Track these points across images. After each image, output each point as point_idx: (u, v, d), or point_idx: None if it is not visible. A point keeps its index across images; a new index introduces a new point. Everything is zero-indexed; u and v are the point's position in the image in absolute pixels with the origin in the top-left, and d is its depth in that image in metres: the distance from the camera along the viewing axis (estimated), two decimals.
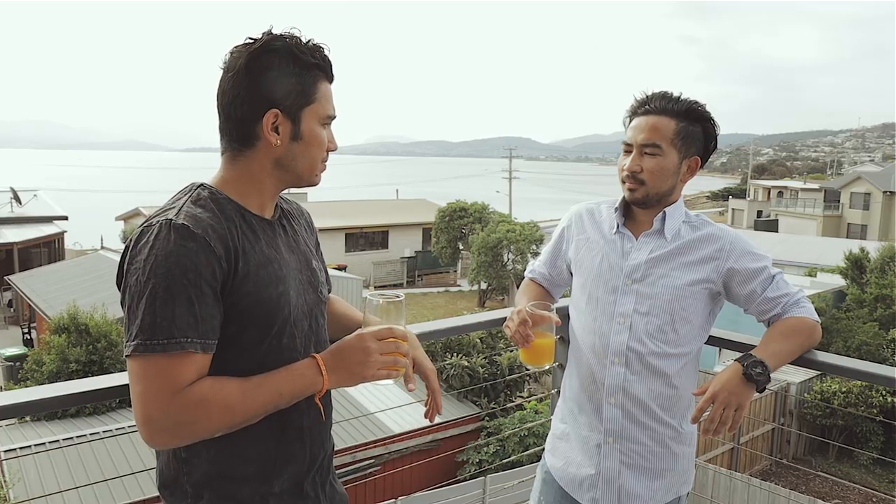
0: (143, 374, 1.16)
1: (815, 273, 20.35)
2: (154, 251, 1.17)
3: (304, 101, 1.31)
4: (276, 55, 1.27)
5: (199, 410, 1.17)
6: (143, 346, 1.15)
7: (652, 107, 1.83)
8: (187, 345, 1.16)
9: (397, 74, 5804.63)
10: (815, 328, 1.82)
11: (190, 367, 1.17)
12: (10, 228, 24.08)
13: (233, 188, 1.32)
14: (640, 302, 1.84)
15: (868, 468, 12.54)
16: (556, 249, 2.08)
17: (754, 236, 32.30)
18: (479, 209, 27.85)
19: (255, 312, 1.26)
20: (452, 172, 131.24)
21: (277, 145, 1.30)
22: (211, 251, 1.19)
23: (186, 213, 1.22)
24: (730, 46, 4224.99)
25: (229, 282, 1.22)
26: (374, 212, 32.78)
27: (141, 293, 1.16)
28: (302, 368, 1.27)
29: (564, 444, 2.00)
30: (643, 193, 1.83)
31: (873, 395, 12.07)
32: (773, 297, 1.82)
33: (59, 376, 10.34)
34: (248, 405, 1.21)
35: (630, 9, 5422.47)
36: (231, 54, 1.30)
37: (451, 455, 9.59)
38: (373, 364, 1.26)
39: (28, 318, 19.27)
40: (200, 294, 1.17)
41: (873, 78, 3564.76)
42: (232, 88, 1.28)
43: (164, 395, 1.15)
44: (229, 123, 1.30)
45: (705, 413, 1.68)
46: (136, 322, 1.16)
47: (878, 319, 15.05)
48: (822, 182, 54.91)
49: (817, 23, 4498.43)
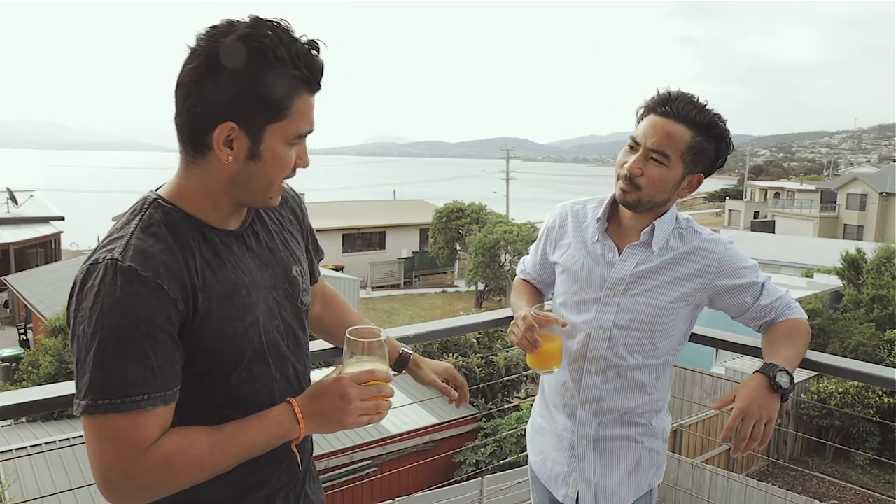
0: (99, 435, 1.04)
1: (812, 274, 20.40)
2: (100, 298, 1.04)
3: (272, 116, 1.10)
4: (249, 55, 1.06)
5: (165, 471, 1.07)
6: (95, 407, 1.03)
7: (673, 109, 1.65)
8: (144, 402, 1.04)
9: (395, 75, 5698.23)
10: (808, 328, 1.83)
11: (150, 424, 1.06)
12: (7, 229, 24.02)
13: (189, 200, 1.16)
14: (620, 315, 1.77)
15: (864, 469, 12.56)
16: (541, 251, 2.01)
17: (751, 237, 32.36)
18: (476, 210, 27.85)
19: (222, 348, 1.15)
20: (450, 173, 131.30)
21: (229, 162, 1.11)
22: (164, 295, 1.06)
23: (135, 248, 1.07)
24: (727, 47, 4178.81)
25: (189, 322, 1.10)
26: (371, 212, 32.76)
27: (88, 346, 1.03)
28: (277, 416, 1.16)
29: (541, 439, 2.01)
30: (635, 198, 1.71)
31: (870, 396, 12.09)
32: (766, 304, 1.80)
33: (56, 377, 10.33)
34: (217, 459, 1.10)
35: (628, 9, 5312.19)
36: (198, 39, 1.09)
37: (449, 456, 9.59)
38: (352, 412, 1.15)
39: (24, 318, 19.22)
40: (156, 344, 1.05)
41: (870, 79, 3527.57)
42: (189, 83, 1.08)
43: (123, 457, 1.04)
44: (182, 122, 1.12)
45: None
46: (84, 378, 1.04)
47: (875, 320, 15.08)
48: (819, 183, 55.01)
49: (815, 24, 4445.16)
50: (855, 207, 41.36)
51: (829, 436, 12.66)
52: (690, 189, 1.75)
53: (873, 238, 32.89)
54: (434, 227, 28.17)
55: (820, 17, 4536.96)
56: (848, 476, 12.31)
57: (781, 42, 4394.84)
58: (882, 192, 39.91)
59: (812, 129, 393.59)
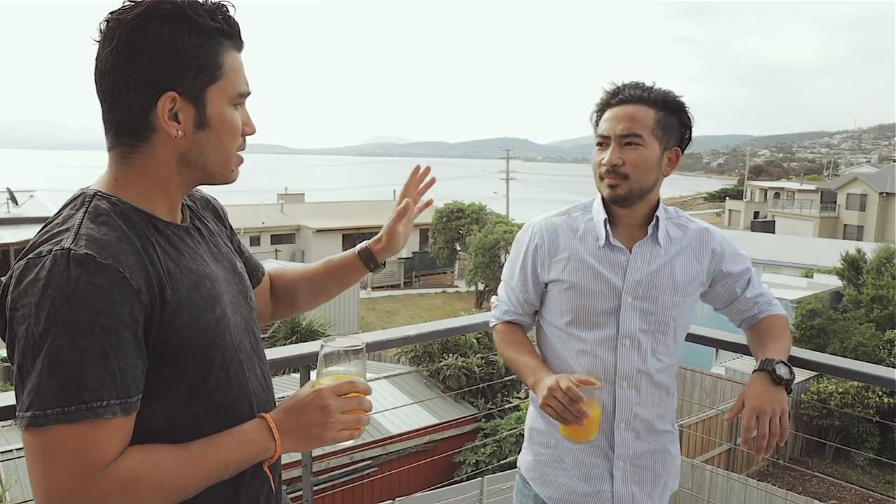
0: (49, 452, 0.90)
1: (812, 274, 20.41)
2: (50, 292, 0.90)
3: (209, 77, 1.05)
4: (165, 22, 1.00)
5: (126, 494, 0.93)
6: (45, 418, 0.89)
7: (627, 95, 1.68)
8: (103, 410, 0.91)
9: (395, 75, 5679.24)
10: (788, 323, 1.88)
11: (110, 437, 0.93)
12: (7, 229, 24.01)
13: (133, 193, 1.06)
14: (644, 320, 1.72)
15: (864, 469, 12.56)
16: (527, 276, 1.82)
17: (751, 237, 32.36)
18: (476, 210, 27.86)
19: (195, 346, 1.04)
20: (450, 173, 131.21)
21: (179, 136, 1.05)
22: (127, 285, 0.94)
23: (88, 236, 0.95)
24: (727, 47, 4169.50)
25: (156, 317, 0.98)
26: (371, 212, 32.75)
27: (36, 348, 0.90)
28: (250, 432, 1.06)
29: (558, 472, 1.82)
30: (626, 189, 1.68)
31: (870, 396, 12.10)
32: (751, 296, 1.84)
33: None
34: (186, 481, 0.98)
35: (627, 9, 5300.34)
36: (107, 23, 1.01)
37: (449, 456, 9.59)
38: (333, 425, 1.07)
39: None
40: (117, 342, 0.92)
41: (870, 79, 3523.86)
42: (112, 69, 1.01)
43: (80, 477, 0.90)
44: (115, 113, 1.04)
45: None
46: (30, 385, 0.90)
47: (875, 320, 15.08)
48: (819, 183, 55.02)
49: (814, 24, 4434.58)
50: (855, 207, 41.37)
51: (829, 436, 12.66)
52: (671, 165, 1.74)
53: (873, 238, 32.90)
54: (434, 227, 28.17)
55: (819, 17, 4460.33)
56: (848, 476, 12.31)
57: (781, 42, 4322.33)
58: (882, 193, 39.92)
59: (812, 130, 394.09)
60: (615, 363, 1.72)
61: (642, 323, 1.72)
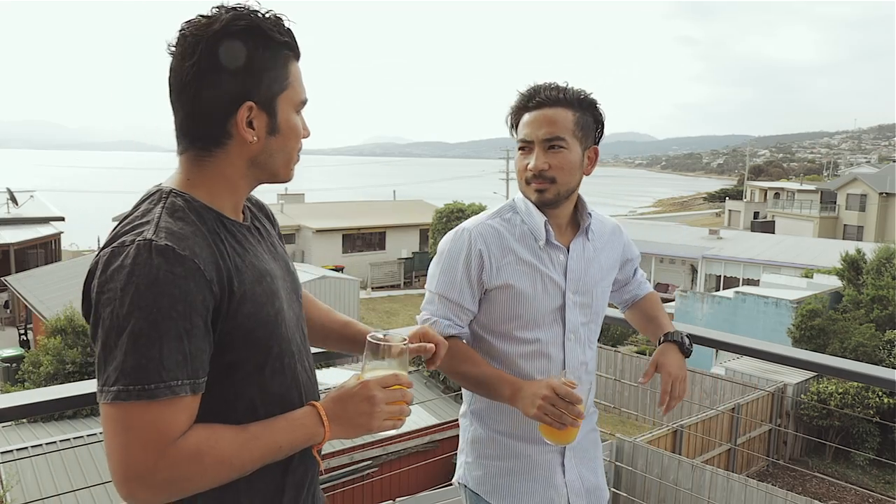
0: (127, 424, 1.00)
1: (812, 274, 20.40)
2: (134, 279, 1.00)
3: (279, 87, 1.15)
4: (242, 37, 1.10)
5: (193, 466, 1.03)
6: (127, 393, 0.99)
7: (544, 98, 1.70)
8: (178, 388, 1.01)
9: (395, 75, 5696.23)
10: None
11: (181, 413, 1.03)
12: (7, 229, 24.03)
13: (203, 192, 1.15)
14: (583, 313, 1.80)
15: (864, 469, 12.56)
16: (472, 284, 1.74)
17: (751, 238, 32.37)
18: (476, 210, 27.85)
19: (256, 335, 1.13)
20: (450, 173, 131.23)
21: (254, 142, 1.14)
22: (201, 276, 1.04)
23: (167, 229, 1.05)
24: (727, 47, 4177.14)
25: (224, 307, 1.08)
26: (371, 213, 32.77)
27: (120, 329, 0.99)
28: (302, 418, 1.15)
29: (513, 480, 1.80)
30: (554, 193, 1.71)
31: (870, 397, 12.10)
32: (638, 277, 2.09)
33: (56, 378, 10.32)
34: (244, 458, 1.08)
35: (628, 9, 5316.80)
36: (185, 37, 1.11)
37: (449, 456, 9.58)
38: (378, 415, 1.16)
39: (24, 319, 19.23)
40: (190, 327, 1.02)
41: (870, 79, 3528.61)
42: (194, 81, 1.10)
43: (153, 448, 1.00)
44: (193, 121, 1.14)
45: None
46: (114, 363, 1.00)
47: (875, 321, 15.08)
48: (819, 183, 55.01)
49: (815, 24, 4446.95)
50: (855, 208, 41.37)
51: (829, 436, 12.67)
52: (591, 164, 1.78)
53: (873, 238, 32.92)
54: (434, 227, 28.18)
55: (820, 17, 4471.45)
56: (848, 476, 12.31)
57: (781, 42, 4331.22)
58: (882, 193, 39.93)
59: (812, 130, 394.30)
60: (563, 359, 1.77)
61: (582, 317, 1.80)
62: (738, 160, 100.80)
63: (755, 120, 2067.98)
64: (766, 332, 16.46)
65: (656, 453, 8.65)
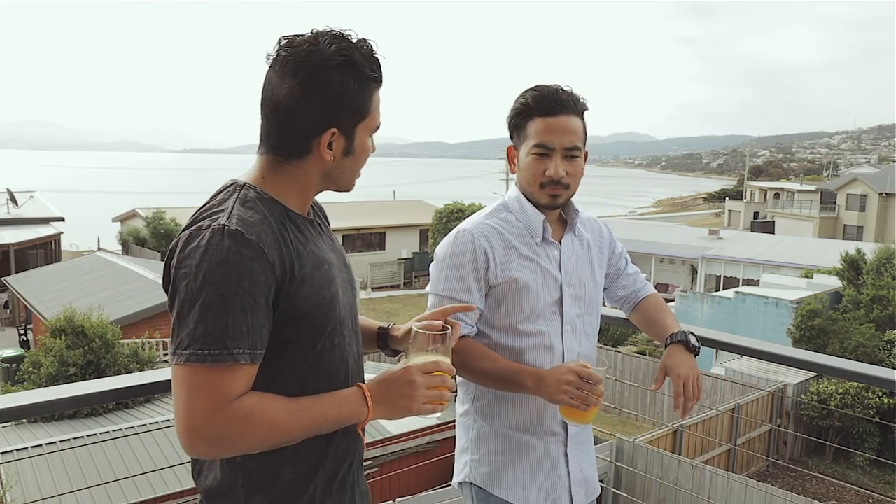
0: (192, 383, 1.13)
1: (812, 274, 20.40)
2: (207, 257, 1.14)
3: (360, 116, 1.28)
4: (340, 71, 1.22)
5: (244, 426, 1.15)
6: (196, 356, 1.12)
7: (560, 103, 1.74)
8: (239, 356, 1.14)
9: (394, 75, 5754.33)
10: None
11: (239, 378, 1.15)
12: (7, 230, 24.03)
13: (276, 189, 1.28)
14: (577, 306, 1.86)
15: (864, 469, 12.57)
16: (479, 282, 1.77)
17: (751, 238, 32.37)
18: (476, 210, 27.73)
19: (312, 315, 1.24)
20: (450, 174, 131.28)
21: (330, 161, 1.28)
22: (265, 258, 1.16)
23: (238, 216, 1.18)
24: (727, 47, 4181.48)
25: (285, 288, 1.20)
26: (371, 213, 32.78)
27: (193, 300, 1.13)
28: (348, 396, 1.26)
29: (521, 473, 1.85)
30: (566, 198, 1.79)
31: (870, 397, 12.10)
32: (632, 273, 2.09)
33: (56, 378, 10.32)
34: (292, 426, 1.19)
35: (628, 9, 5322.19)
36: (289, 58, 1.22)
37: (450, 456, 9.59)
38: (418, 398, 1.25)
39: (24, 319, 19.22)
40: (253, 303, 1.15)
41: (870, 79, 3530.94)
42: (290, 100, 1.22)
43: (211, 406, 1.13)
44: (281, 132, 1.26)
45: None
46: (187, 330, 1.13)
47: (875, 321, 15.07)
48: (819, 184, 55.01)
49: (815, 24, 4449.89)
50: (855, 208, 41.38)
51: (829, 436, 12.67)
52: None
53: (873, 238, 32.92)
54: (434, 227, 28.18)
55: (820, 17, 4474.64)
56: (848, 476, 12.31)
57: (781, 42, 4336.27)
58: (882, 193, 39.94)
59: (812, 130, 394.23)
60: (563, 351, 1.83)
61: (577, 309, 1.86)
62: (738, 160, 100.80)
63: (755, 120, 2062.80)
64: (766, 333, 16.46)
65: (656, 453, 8.65)
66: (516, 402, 1.82)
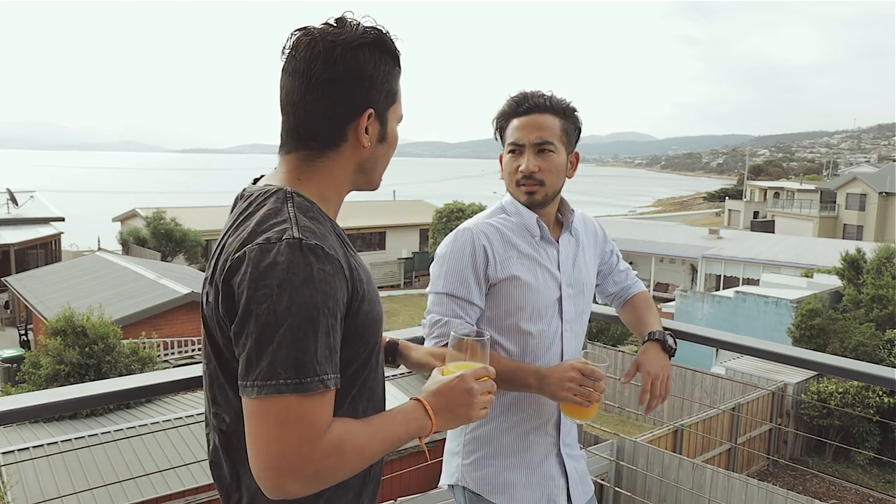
0: (282, 417, 1.01)
1: (812, 274, 20.40)
2: (290, 276, 1.02)
3: (392, 100, 1.23)
4: (371, 49, 1.16)
5: (337, 457, 1.06)
6: (286, 386, 1.00)
7: (533, 104, 1.79)
8: (328, 381, 1.04)
9: None
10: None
11: (328, 406, 1.06)
12: (7, 230, 24.03)
13: (314, 192, 1.18)
14: (576, 304, 1.88)
15: (865, 468, 12.57)
16: (479, 280, 1.77)
17: (751, 237, 32.37)
18: (476, 210, 27.85)
19: (369, 333, 1.17)
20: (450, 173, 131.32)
21: (366, 147, 1.20)
22: (343, 274, 1.08)
23: (307, 228, 1.08)
24: (728, 47, 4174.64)
25: (352, 305, 1.11)
26: (371, 213, 32.77)
27: (277, 324, 1.01)
28: (412, 411, 1.20)
29: (516, 475, 1.85)
30: (543, 194, 1.81)
31: (870, 396, 12.10)
32: (623, 269, 2.12)
33: (56, 379, 10.32)
34: (374, 449, 1.13)
35: (629, 9, 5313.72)
36: (315, 41, 1.14)
37: None
38: (476, 405, 1.23)
39: (25, 319, 19.23)
40: (335, 323, 1.06)
41: (870, 79, 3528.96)
42: (326, 83, 1.14)
43: (307, 440, 1.02)
44: (313, 121, 1.17)
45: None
46: (269, 358, 1.01)
47: (875, 320, 15.08)
48: (819, 183, 55.00)
49: (815, 24, 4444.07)
50: (854, 207, 41.38)
51: (829, 435, 12.67)
52: (573, 168, 1.89)
53: (873, 238, 32.92)
54: (434, 227, 28.20)
55: (820, 17, 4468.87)
56: (848, 476, 12.32)
57: (782, 42, 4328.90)
58: (881, 192, 39.94)
59: (812, 129, 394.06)
60: (563, 350, 1.85)
61: (575, 308, 1.89)
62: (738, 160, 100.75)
63: (755, 120, 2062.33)
64: (767, 332, 16.46)
65: (657, 452, 8.66)
66: (510, 404, 1.83)
